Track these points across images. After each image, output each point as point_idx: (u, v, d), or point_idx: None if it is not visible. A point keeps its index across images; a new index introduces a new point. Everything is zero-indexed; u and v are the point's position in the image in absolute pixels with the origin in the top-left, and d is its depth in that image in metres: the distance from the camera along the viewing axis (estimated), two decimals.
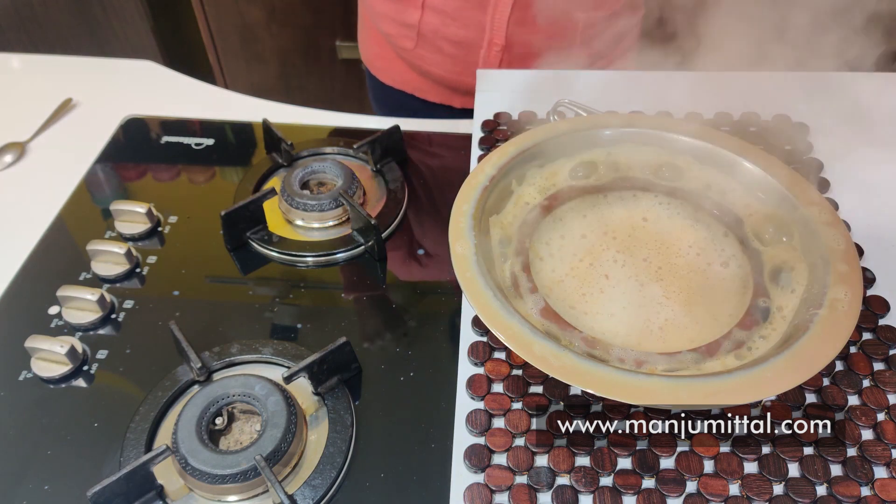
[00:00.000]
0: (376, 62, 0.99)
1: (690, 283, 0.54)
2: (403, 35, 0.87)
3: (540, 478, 0.46)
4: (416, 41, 0.86)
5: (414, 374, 0.57)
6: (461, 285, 0.47)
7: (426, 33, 0.85)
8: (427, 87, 0.93)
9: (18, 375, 0.57)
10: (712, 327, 0.50)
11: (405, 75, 0.95)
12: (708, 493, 0.44)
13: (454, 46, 0.84)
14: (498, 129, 0.72)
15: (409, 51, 0.88)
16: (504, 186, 0.57)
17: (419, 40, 0.86)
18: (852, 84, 0.75)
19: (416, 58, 0.89)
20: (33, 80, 0.95)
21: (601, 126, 0.61)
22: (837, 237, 0.49)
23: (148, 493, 0.49)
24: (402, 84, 0.96)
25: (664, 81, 0.75)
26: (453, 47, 0.84)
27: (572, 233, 0.58)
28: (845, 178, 0.66)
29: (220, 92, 0.93)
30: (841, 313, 0.45)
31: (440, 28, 0.84)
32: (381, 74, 0.99)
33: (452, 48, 0.85)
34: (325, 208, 0.69)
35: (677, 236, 0.57)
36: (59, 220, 0.72)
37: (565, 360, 0.42)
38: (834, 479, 0.45)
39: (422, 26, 0.84)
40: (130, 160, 0.80)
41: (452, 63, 0.87)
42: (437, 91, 0.93)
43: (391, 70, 0.96)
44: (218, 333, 0.60)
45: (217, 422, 0.52)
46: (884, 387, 0.49)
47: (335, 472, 0.50)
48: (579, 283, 0.54)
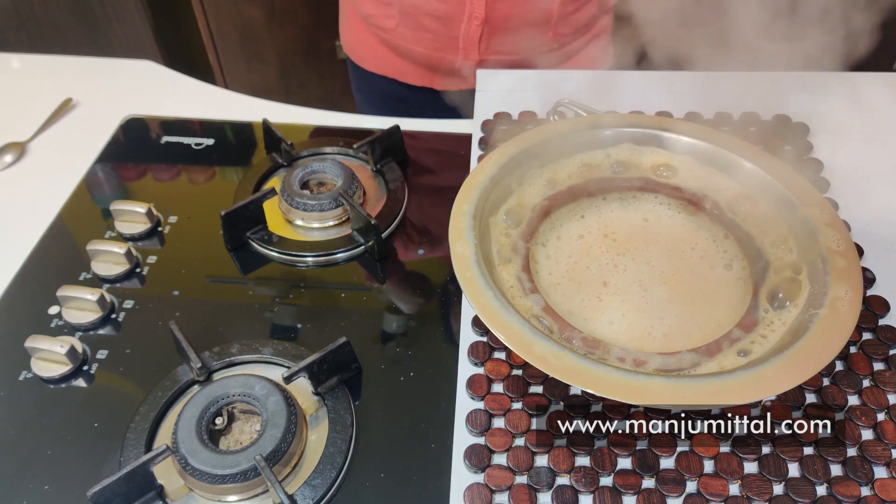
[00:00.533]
0: (357, 49, 1.00)
1: (693, 287, 0.54)
2: (384, 14, 0.88)
3: (540, 478, 0.46)
4: (398, 19, 0.87)
5: (414, 374, 0.57)
6: (461, 285, 0.47)
7: (407, 9, 0.85)
8: (408, 69, 0.94)
9: (18, 375, 0.57)
10: (715, 334, 0.50)
11: (386, 59, 0.95)
12: (708, 493, 0.44)
13: (435, 21, 0.85)
14: (498, 129, 0.72)
15: (389, 30, 0.89)
16: (504, 186, 0.57)
17: (400, 18, 0.86)
18: (852, 84, 0.75)
19: (397, 37, 0.89)
20: (33, 80, 0.95)
21: (601, 126, 0.61)
22: (837, 238, 0.49)
23: (148, 493, 0.49)
24: (384, 69, 0.97)
25: (664, 81, 0.75)
26: (434, 22, 0.85)
27: (569, 234, 0.58)
28: (845, 178, 0.66)
29: (220, 92, 0.93)
30: (841, 313, 0.45)
31: (420, 4, 0.84)
32: (362, 61, 0.99)
33: (433, 23, 0.85)
34: (325, 208, 0.69)
35: (678, 238, 0.57)
36: (59, 220, 0.72)
37: (565, 360, 0.42)
38: (834, 479, 0.45)
39: (402, 3, 0.85)
40: (130, 160, 0.80)
41: (434, 39, 0.87)
42: (418, 73, 0.94)
43: (372, 56, 0.97)
44: (218, 333, 0.60)
45: (217, 422, 0.52)
46: (884, 387, 0.49)
47: (335, 472, 0.50)
48: (577, 287, 0.54)
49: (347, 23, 0.99)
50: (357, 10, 0.93)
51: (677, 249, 0.57)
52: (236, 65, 1.75)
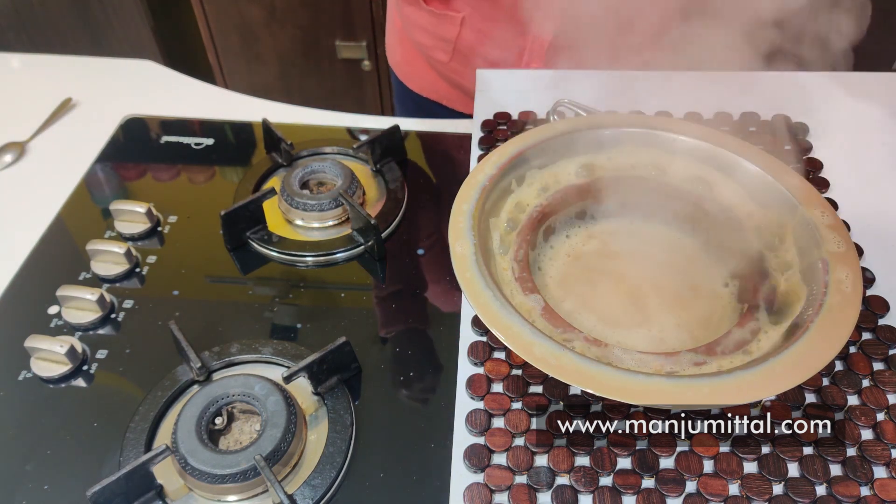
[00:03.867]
0: (404, 67, 0.97)
1: (691, 288, 0.54)
2: (439, 48, 0.86)
3: (540, 478, 0.46)
4: (452, 55, 0.85)
5: (414, 374, 0.57)
6: (461, 285, 0.47)
7: (462, 49, 0.84)
8: (457, 97, 0.92)
9: (18, 375, 0.57)
10: (714, 336, 0.50)
11: (435, 84, 0.93)
12: (708, 492, 0.44)
13: (490, 65, 0.83)
14: (498, 129, 0.72)
15: (442, 63, 0.88)
16: (504, 187, 0.57)
17: (454, 54, 0.85)
18: (852, 84, 0.75)
19: (449, 70, 0.88)
20: (33, 80, 0.95)
21: (601, 126, 0.61)
22: (837, 239, 0.49)
23: (147, 492, 0.49)
24: (431, 92, 0.95)
25: (664, 81, 0.75)
26: (489, 65, 0.83)
27: (568, 235, 0.58)
28: (845, 178, 0.66)
29: (220, 92, 0.93)
30: (841, 314, 0.45)
31: (477, 46, 0.83)
32: (408, 80, 0.97)
33: (488, 66, 0.83)
34: (325, 208, 0.69)
35: (677, 240, 0.57)
36: (59, 220, 0.72)
37: (565, 360, 0.42)
38: (834, 479, 0.45)
39: (459, 42, 0.83)
40: (130, 160, 0.80)
41: None
42: (466, 102, 0.91)
43: (420, 78, 0.95)
44: (218, 333, 0.60)
45: (217, 422, 0.52)
46: (883, 387, 0.49)
47: (335, 472, 0.50)
48: (577, 287, 0.54)
49: (396, 38, 0.97)
50: (410, 36, 0.91)
51: (676, 251, 0.57)
52: (236, 65, 1.75)
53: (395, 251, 0.68)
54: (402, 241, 0.69)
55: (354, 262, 0.67)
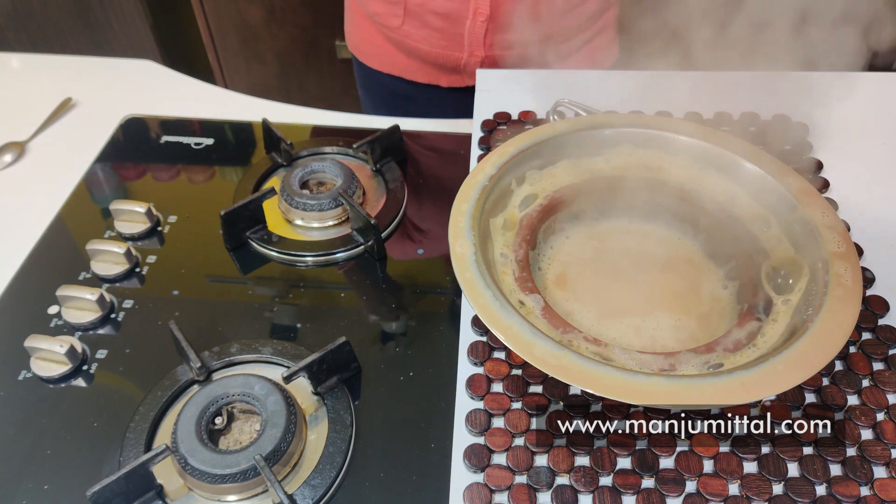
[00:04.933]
0: (362, 47, 1.00)
1: (691, 289, 0.54)
2: (390, 13, 0.88)
3: (540, 477, 0.46)
4: (403, 18, 0.87)
5: (414, 374, 0.57)
6: (461, 285, 0.47)
7: (412, 8, 0.86)
8: (414, 66, 0.94)
9: (18, 375, 0.57)
10: (713, 336, 0.50)
11: (391, 57, 0.95)
12: (707, 492, 0.44)
13: (440, 19, 0.85)
14: (498, 129, 0.72)
15: (395, 29, 0.90)
16: (504, 187, 0.57)
17: (406, 16, 0.87)
18: (852, 84, 0.75)
19: (402, 35, 0.90)
20: (33, 80, 0.95)
21: (601, 126, 0.61)
22: (837, 239, 0.49)
23: (147, 492, 0.49)
24: (389, 66, 0.97)
25: (664, 81, 0.75)
26: (439, 20, 0.85)
27: (568, 236, 0.58)
28: (845, 178, 0.66)
29: (220, 92, 0.93)
30: (840, 314, 0.45)
31: (426, 2, 0.85)
32: (367, 59, 1.00)
33: (438, 21, 0.85)
34: (325, 208, 0.69)
35: (676, 240, 0.57)
36: (59, 220, 0.72)
37: (565, 361, 0.42)
38: (833, 479, 0.45)
39: (408, 1, 0.85)
40: (130, 160, 0.80)
41: (439, 36, 0.87)
42: (424, 71, 0.94)
43: (377, 54, 0.97)
44: (217, 333, 0.60)
45: (217, 421, 0.52)
46: (883, 387, 0.49)
47: (335, 472, 0.50)
48: (576, 288, 0.54)
49: (353, 20, 1.00)
50: (363, 8, 0.94)
51: (676, 252, 0.57)
52: (236, 65, 1.75)
53: (395, 251, 0.68)
54: (401, 240, 0.69)
55: (354, 262, 0.67)
